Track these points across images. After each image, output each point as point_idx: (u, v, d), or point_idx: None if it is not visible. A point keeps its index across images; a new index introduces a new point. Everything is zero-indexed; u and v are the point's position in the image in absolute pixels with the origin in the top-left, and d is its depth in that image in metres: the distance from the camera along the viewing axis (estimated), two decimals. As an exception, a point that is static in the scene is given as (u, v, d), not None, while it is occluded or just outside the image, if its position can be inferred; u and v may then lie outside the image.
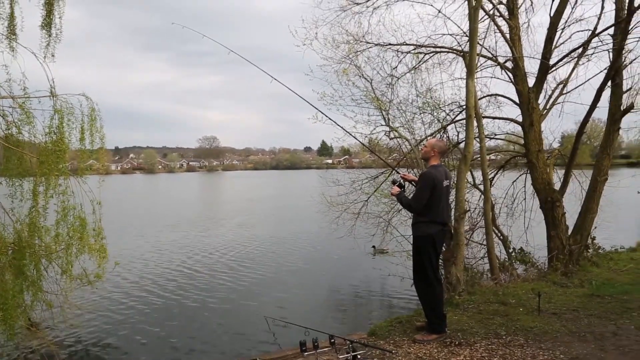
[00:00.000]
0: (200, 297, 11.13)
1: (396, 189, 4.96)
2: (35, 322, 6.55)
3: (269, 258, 15.52)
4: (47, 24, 5.12)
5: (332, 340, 4.29)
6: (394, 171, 5.61)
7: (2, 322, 5.20)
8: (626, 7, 7.78)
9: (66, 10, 5.16)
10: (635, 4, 7.44)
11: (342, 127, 6.59)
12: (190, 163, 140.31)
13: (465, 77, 7.25)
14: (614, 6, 8.57)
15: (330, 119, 6.14)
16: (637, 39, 8.15)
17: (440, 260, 6.67)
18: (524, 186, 10.27)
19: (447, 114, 9.60)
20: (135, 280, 12.67)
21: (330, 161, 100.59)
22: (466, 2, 7.34)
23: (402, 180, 5.08)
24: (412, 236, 5.03)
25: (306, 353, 4.06)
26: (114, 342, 8.35)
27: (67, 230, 5.54)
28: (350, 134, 7.37)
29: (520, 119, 9.29)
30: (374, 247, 15.01)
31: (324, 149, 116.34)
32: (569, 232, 8.85)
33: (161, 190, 57.74)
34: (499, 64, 9.33)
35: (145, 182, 79.74)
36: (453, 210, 7.33)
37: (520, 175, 10.54)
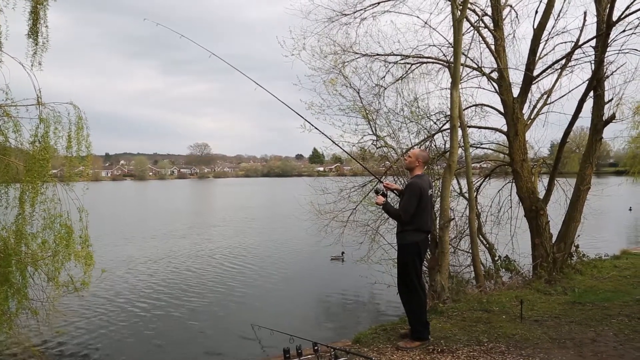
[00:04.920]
0: (186, 304, 11.10)
1: (381, 199, 5.01)
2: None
3: (256, 266, 15.50)
4: (34, 32, 5.14)
5: (316, 348, 4.35)
6: (378, 180, 5.68)
7: (-14, 330, 5.18)
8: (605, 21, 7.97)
9: (52, 17, 5.19)
10: (614, 18, 7.63)
11: (328, 137, 6.68)
12: (182, 170, 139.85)
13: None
14: (595, 19, 8.81)
15: (316, 128, 6.20)
16: (617, 51, 8.37)
17: (424, 268, 6.75)
18: (510, 195, 10.40)
19: (434, 123, 9.72)
20: (122, 288, 12.61)
21: (321, 169, 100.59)
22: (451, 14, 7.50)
23: (385, 190, 5.15)
24: (397, 244, 5.10)
25: (289, 360, 4.13)
26: (99, 350, 8.30)
27: (53, 237, 5.55)
28: (336, 144, 7.44)
29: (505, 128, 9.44)
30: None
31: (316, 157, 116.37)
32: (553, 240, 8.98)
33: (150, 198, 57.36)
34: (484, 74, 9.48)
35: (134, 189, 79.13)
36: (437, 218, 7.45)
37: (505, 184, 10.68)
